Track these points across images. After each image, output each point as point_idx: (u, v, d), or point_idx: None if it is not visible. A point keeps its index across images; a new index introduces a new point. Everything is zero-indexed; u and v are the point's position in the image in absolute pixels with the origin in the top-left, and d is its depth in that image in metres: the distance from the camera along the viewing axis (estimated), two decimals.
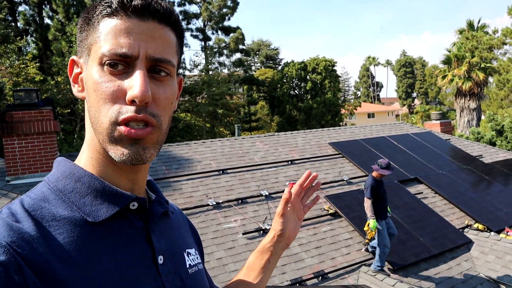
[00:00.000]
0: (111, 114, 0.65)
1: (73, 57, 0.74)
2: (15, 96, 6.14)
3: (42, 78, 13.31)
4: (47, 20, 19.40)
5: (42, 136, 6.05)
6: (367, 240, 5.44)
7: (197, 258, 0.86)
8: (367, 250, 5.63)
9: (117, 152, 0.67)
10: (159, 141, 0.70)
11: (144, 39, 0.66)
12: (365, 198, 5.32)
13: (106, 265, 0.64)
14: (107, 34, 0.66)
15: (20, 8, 19.74)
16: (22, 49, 17.41)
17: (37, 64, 13.84)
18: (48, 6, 19.14)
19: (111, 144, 0.67)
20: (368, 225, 5.20)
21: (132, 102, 0.65)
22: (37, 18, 19.13)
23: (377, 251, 5.21)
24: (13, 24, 18.21)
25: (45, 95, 12.67)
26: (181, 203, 6.11)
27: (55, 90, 13.39)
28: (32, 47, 19.63)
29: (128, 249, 0.69)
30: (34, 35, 19.65)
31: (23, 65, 13.14)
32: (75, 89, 0.74)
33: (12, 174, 5.91)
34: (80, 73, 0.73)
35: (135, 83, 0.64)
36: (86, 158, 0.73)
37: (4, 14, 12.62)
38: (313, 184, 1.07)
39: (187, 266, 0.80)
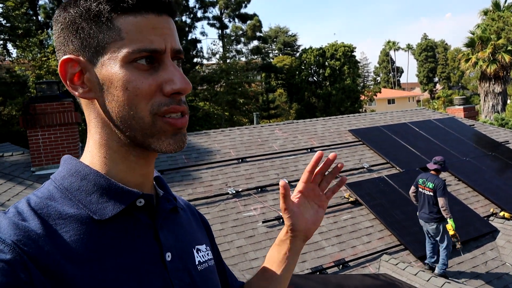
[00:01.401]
0: (152, 108, 0.67)
1: (70, 56, 0.69)
2: (38, 89, 6.26)
3: None
4: None
5: (64, 128, 6.17)
6: (459, 244, 4.98)
7: (207, 254, 0.84)
8: (431, 267, 5.12)
9: (163, 143, 0.69)
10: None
11: (167, 33, 0.69)
12: (441, 199, 4.99)
13: (113, 262, 0.64)
14: (130, 31, 0.66)
15: (41, 2, 20.06)
16: (43, 42, 17.72)
17: None
18: None
19: (154, 137, 0.69)
20: (452, 227, 4.92)
21: (173, 94, 0.68)
22: None
23: (444, 253, 4.98)
24: (34, 18, 18.52)
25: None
26: (201, 192, 6.16)
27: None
28: (52, 40, 19.94)
29: (135, 246, 0.68)
30: None
31: (45, 58, 13.38)
32: (80, 91, 0.70)
33: (36, 164, 6.06)
34: (80, 72, 0.69)
35: (175, 77, 0.68)
36: (95, 157, 0.72)
37: (25, 8, 12.82)
38: (332, 168, 0.96)
39: (197, 263, 0.79)
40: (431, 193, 5.13)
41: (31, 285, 0.55)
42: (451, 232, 4.95)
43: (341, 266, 5.07)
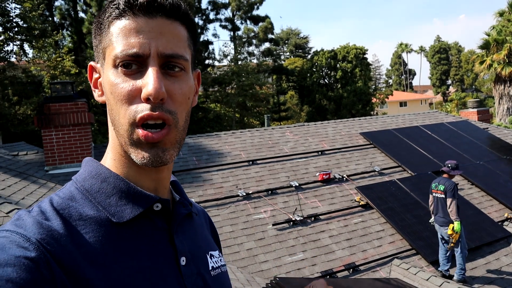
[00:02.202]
0: (129, 115, 0.66)
1: (91, 63, 0.76)
2: (52, 89, 6.36)
3: (77, 71, 13.70)
4: (81, 14, 19.96)
5: (78, 128, 6.25)
6: (452, 245, 4.94)
7: (220, 260, 0.85)
8: (444, 275, 5.01)
9: (138, 155, 0.68)
10: (178, 140, 0.70)
11: (154, 36, 0.67)
12: (449, 199, 5.03)
13: (129, 265, 0.65)
14: (118, 35, 0.67)
15: (56, 3, 20.39)
16: (59, 42, 17.97)
17: (73, 57, 14.26)
18: (82, 0, 19.65)
19: (132, 146, 0.68)
20: (453, 228, 4.90)
21: (147, 100, 0.65)
22: (72, 12, 19.70)
23: (460, 257, 4.94)
24: (50, 18, 18.82)
25: (80, 87, 13.07)
26: (212, 193, 6.18)
27: (89, 83, 13.79)
28: (67, 41, 20.24)
29: (150, 250, 0.70)
30: (69, 29, 20.26)
31: (60, 59, 13.58)
32: (96, 94, 0.76)
33: (50, 164, 6.15)
34: (99, 77, 0.75)
35: (148, 81, 0.65)
36: (110, 160, 0.74)
37: (42, 9, 13.03)
38: None
39: (210, 268, 0.80)
40: (443, 196, 5.14)
41: (53, 283, 0.56)
42: (449, 232, 4.92)
43: (351, 270, 5.03)
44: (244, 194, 6.17)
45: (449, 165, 5.36)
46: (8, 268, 0.53)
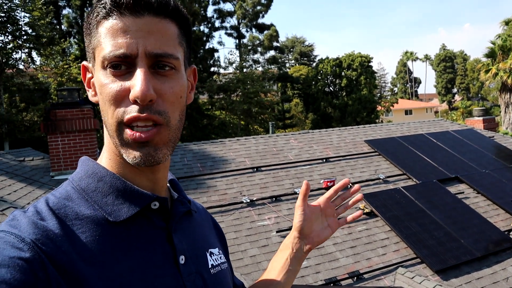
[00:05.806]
0: (117, 115, 0.66)
1: (84, 62, 0.76)
2: (59, 95, 6.43)
3: None
4: None
5: (83, 134, 6.30)
6: None
7: (220, 257, 0.84)
8: None
9: (129, 156, 0.67)
10: (171, 139, 0.69)
11: (142, 35, 0.65)
12: None
13: (127, 264, 0.65)
14: (105, 36, 0.66)
15: (64, 12, 20.66)
16: (66, 50, 18.18)
17: (79, 64, 14.43)
18: (89, 9, 19.93)
19: (123, 147, 0.67)
20: None
21: (135, 102, 0.64)
22: (79, 21, 19.95)
23: None
24: (57, 27, 19.07)
25: (86, 94, 13.21)
26: (215, 200, 6.18)
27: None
28: (74, 48, 20.48)
29: (149, 249, 0.69)
30: (77, 37, 20.50)
31: (67, 66, 13.74)
32: (90, 94, 0.75)
33: (56, 169, 6.20)
34: (92, 77, 0.74)
35: (136, 83, 0.64)
36: (106, 159, 0.74)
37: (50, 18, 13.22)
38: (353, 196, 1.03)
39: (210, 266, 0.79)
40: None
41: (48, 283, 0.56)
42: None
43: (355, 278, 5.00)
44: (248, 200, 6.16)
45: None
46: (2, 269, 0.53)
